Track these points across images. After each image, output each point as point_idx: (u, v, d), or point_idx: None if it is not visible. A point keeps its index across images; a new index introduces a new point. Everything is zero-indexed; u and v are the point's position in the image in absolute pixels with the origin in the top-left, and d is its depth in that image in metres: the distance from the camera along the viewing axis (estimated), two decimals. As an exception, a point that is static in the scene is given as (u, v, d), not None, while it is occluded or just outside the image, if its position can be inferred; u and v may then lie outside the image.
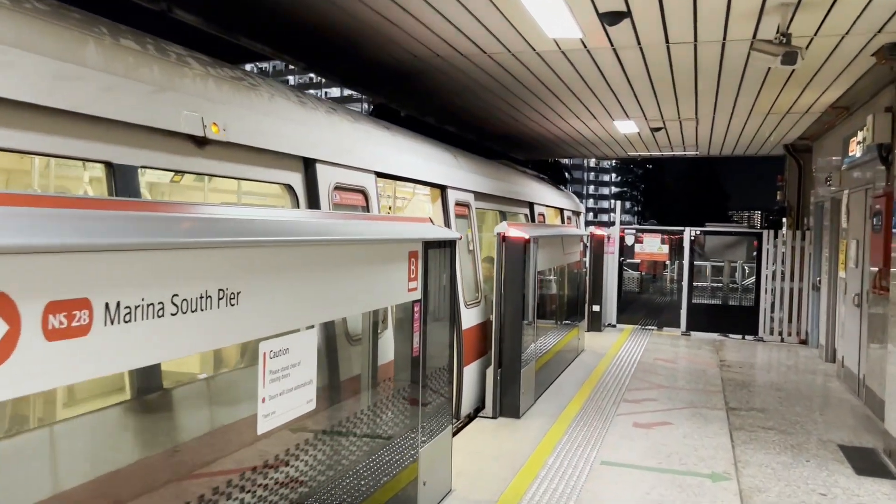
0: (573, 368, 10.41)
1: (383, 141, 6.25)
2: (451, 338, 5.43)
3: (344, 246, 3.66)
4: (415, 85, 9.30)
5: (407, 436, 4.66)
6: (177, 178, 5.55)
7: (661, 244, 14.70)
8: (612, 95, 9.78)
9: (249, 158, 4.36)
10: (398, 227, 4.51)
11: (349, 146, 5.64)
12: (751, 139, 13.91)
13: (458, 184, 7.51)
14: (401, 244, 4.41)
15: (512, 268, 7.46)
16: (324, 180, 5.26)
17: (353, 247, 3.77)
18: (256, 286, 2.85)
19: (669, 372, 10.42)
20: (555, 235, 9.25)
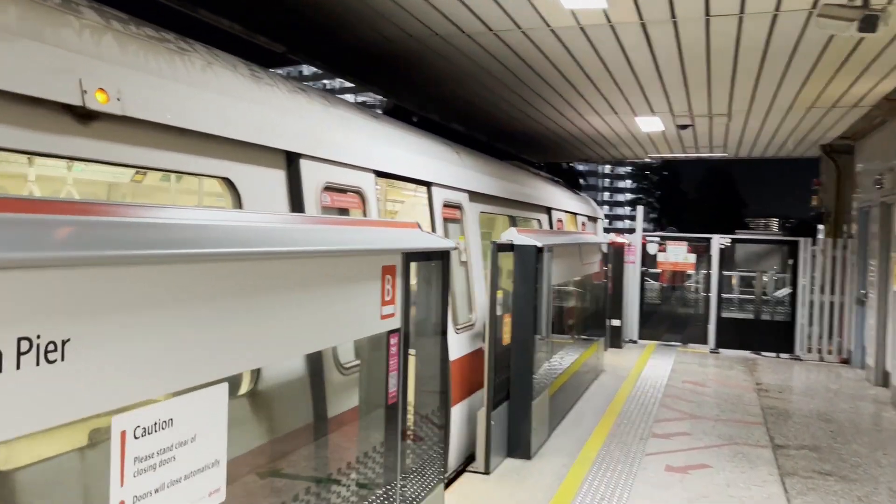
0: (592, 393, 9.24)
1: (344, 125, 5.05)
2: (443, 375, 4.31)
3: (274, 261, 2.56)
4: (411, 72, 8.22)
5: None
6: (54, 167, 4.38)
7: (687, 253, 13.50)
8: (637, 85, 8.64)
9: (177, 144, 3.27)
10: (367, 233, 3.39)
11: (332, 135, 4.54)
12: (786, 138, 12.71)
13: (446, 181, 6.20)
14: (370, 257, 3.31)
15: (522, 281, 6.34)
16: (311, 179, 4.22)
17: (291, 262, 2.67)
18: (99, 330, 1.76)
19: (701, 398, 9.24)
20: (571, 243, 8.12)
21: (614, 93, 9.16)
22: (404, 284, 3.67)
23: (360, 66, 8.06)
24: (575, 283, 8.95)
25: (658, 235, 13.88)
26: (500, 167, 8.67)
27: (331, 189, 4.56)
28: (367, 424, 3.69)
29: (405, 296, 3.68)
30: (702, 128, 11.74)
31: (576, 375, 8.77)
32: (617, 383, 9.93)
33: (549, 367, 7.28)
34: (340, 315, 3.04)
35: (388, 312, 3.49)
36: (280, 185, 4.02)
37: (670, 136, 12.79)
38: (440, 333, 4.30)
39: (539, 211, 10.61)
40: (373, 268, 3.34)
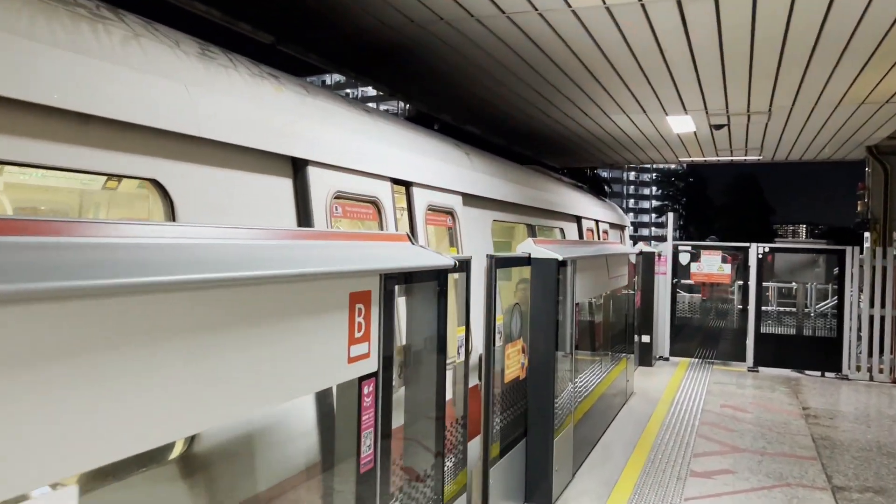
0: (621, 422, 8.33)
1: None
2: (438, 428, 3.46)
3: (174, 294, 1.76)
4: (415, 65, 7.42)
5: None
6: None
7: (723, 263, 12.52)
8: (669, 78, 7.76)
9: (73, 132, 2.50)
10: (326, 250, 2.57)
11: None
12: (829, 139, 11.72)
13: (430, 180, 5.11)
14: (331, 282, 2.50)
15: (541, 299, 5.48)
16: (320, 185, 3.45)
17: (214, 293, 1.87)
18: None
19: (742, 425, 8.29)
20: (598, 255, 7.25)
21: (643, 88, 8.28)
22: (384, 315, 2.85)
23: (360, 59, 7.28)
24: (601, 298, 8.07)
25: (691, 244, 12.91)
26: (506, 168, 7.84)
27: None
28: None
29: (386, 330, 2.86)
30: (738, 128, 10.81)
31: (603, 399, 7.88)
32: (648, 408, 9.01)
33: (573, 392, 6.41)
34: (282, 364, 2.23)
35: (360, 353, 2.67)
36: (224, 186, 3.22)
37: (703, 138, 11.86)
38: (436, 376, 3.46)
39: (566, 220, 9.74)
40: (336, 296, 2.52)
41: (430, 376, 3.46)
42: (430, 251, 3.47)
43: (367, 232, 3.22)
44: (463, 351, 4.60)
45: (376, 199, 4.46)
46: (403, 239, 3.48)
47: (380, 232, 3.35)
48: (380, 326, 2.81)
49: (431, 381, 3.46)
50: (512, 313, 5.08)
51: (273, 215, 3.58)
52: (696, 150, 13.50)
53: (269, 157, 3.56)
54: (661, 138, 11.97)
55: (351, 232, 3.04)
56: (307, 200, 3.79)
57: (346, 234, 2.99)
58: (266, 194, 3.54)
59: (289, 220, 3.72)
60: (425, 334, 3.48)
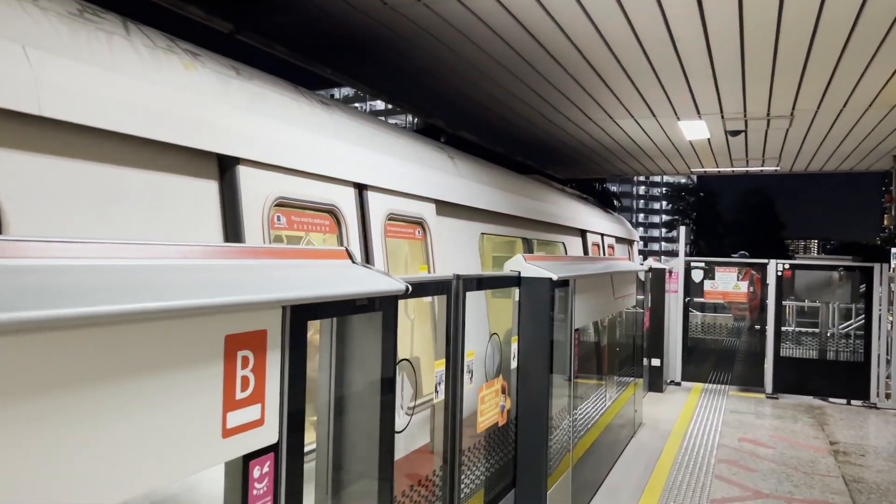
0: (628, 459, 7.47)
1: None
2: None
3: None
4: (397, 60, 6.65)
5: None
6: None
7: (739, 280, 11.65)
8: (682, 77, 6.97)
9: None
10: (204, 272, 1.77)
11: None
12: (855, 147, 10.87)
13: (390, 183, 4.20)
14: (193, 322, 1.70)
15: (533, 326, 4.66)
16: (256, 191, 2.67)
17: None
18: None
19: (764, 463, 7.40)
20: (602, 273, 6.42)
21: (654, 88, 7.49)
22: (292, 362, 2.05)
23: (334, 52, 6.52)
24: (606, 322, 7.22)
25: (704, 260, 12.05)
26: (511, 178, 7.04)
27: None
28: None
29: (294, 382, 2.05)
30: (756, 134, 9.99)
31: (608, 432, 7.03)
32: (659, 442, 8.13)
33: (571, 428, 5.58)
34: (94, 451, 1.43)
35: (245, 421, 1.87)
36: (94, 186, 2.43)
37: (717, 146, 11.05)
38: (379, 432, 2.64)
39: (569, 233, 8.93)
40: (199, 342, 1.72)
41: (371, 434, 2.65)
42: (374, 272, 2.67)
43: (288, 248, 2.42)
44: (442, 388, 3.78)
45: (334, 207, 3.68)
46: (340, 256, 2.69)
47: (308, 248, 2.57)
48: (283, 379, 2.01)
49: (372, 439, 2.65)
50: (487, 346, 4.26)
51: (185, 226, 2.80)
52: (709, 160, 12.69)
53: (178, 153, 2.78)
54: (671, 146, 11.16)
55: (259, 247, 2.24)
56: (237, 208, 3.01)
57: (249, 249, 2.19)
58: (173, 200, 2.76)
59: (211, 233, 2.94)
60: (367, 379, 2.67)
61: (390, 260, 4.13)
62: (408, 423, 3.68)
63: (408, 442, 3.80)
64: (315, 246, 2.64)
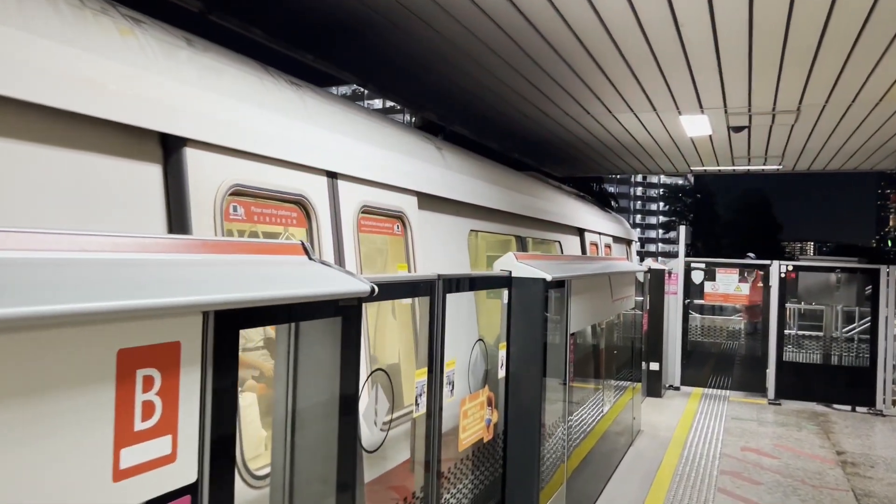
0: (627, 469, 7.09)
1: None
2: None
3: None
4: (383, 45, 6.25)
5: None
6: None
7: (740, 282, 11.28)
8: (685, 66, 6.58)
9: None
10: (105, 268, 1.38)
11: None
12: (861, 145, 10.50)
13: (365, 172, 3.76)
14: (77, 333, 1.30)
15: (525, 330, 4.27)
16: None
17: None
18: None
19: (769, 475, 7.03)
20: (599, 273, 6.03)
21: (655, 79, 7.10)
22: (217, 381, 1.66)
23: (315, 35, 6.12)
24: (603, 325, 6.83)
25: (704, 261, 11.67)
26: (504, 173, 6.65)
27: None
28: None
29: (219, 407, 1.66)
30: (759, 130, 9.61)
31: (605, 441, 6.64)
32: (658, 452, 7.75)
33: (566, 439, 5.19)
34: None
35: (150, 458, 1.47)
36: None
37: (719, 143, 10.66)
38: (338, 457, 2.25)
39: (566, 232, 8.55)
40: (84, 359, 1.33)
41: (330, 457, 2.26)
42: (334, 270, 2.28)
43: (228, 241, 2.02)
44: (424, 401, 3.38)
45: (302, 197, 3.28)
46: (295, 251, 2.30)
47: (255, 241, 2.18)
48: (204, 403, 1.62)
49: (332, 462, 2.26)
50: (472, 353, 3.86)
51: (119, 217, 2.41)
52: (709, 158, 12.31)
53: (111, 131, 2.39)
54: (672, 143, 10.78)
55: (186, 239, 1.85)
56: (183, 196, 2.62)
57: (171, 242, 1.80)
58: (103, 185, 2.36)
59: (153, 224, 2.55)
60: (326, 396, 2.28)
61: (366, 258, 3.74)
62: (383, 440, 3.29)
63: (384, 460, 3.41)
64: (263, 240, 2.26)
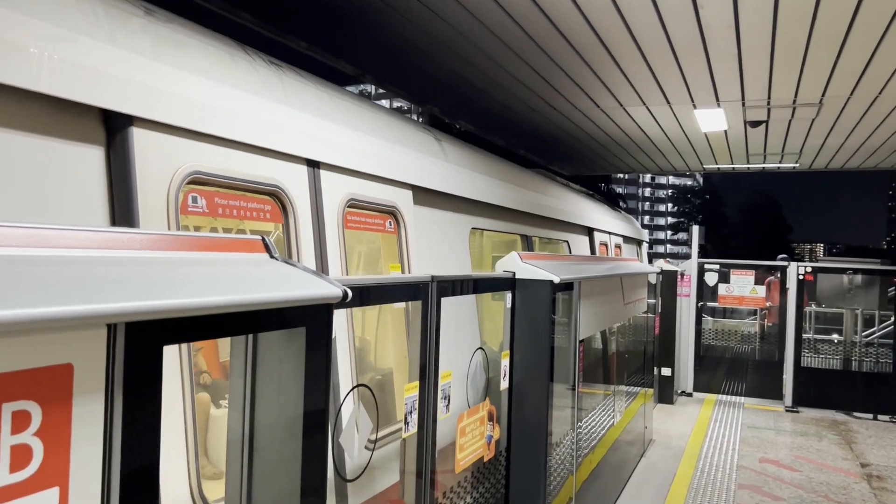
0: (637, 485, 6.69)
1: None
2: None
3: None
4: (380, 30, 5.89)
5: None
6: None
7: (756, 284, 10.85)
8: (702, 52, 6.18)
9: None
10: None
11: None
12: (884, 141, 10.06)
13: (353, 161, 3.39)
14: None
15: (530, 337, 3.89)
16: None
17: None
18: None
19: (792, 491, 6.61)
20: (610, 275, 5.65)
21: (670, 71, 6.71)
22: (129, 413, 1.28)
23: (308, 21, 5.76)
24: (614, 328, 6.44)
25: (719, 262, 11.25)
26: (508, 168, 6.27)
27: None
28: None
29: (132, 447, 1.29)
30: (778, 126, 9.20)
31: (615, 452, 6.25)
32: (671, 463, 7.35)
33: (574, 453, 4.81)
34: None
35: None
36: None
37: (734, 139, 10.25)
38: (300, 488, 1.87)
39: (574, 231, 8.16)
40: None
41: (290, 492, 1.88)
42: (300, 271, 1.90)
43: (164, 235, 1.65)
44: (414, 418, 2.99)
45: (277, 188, 2.91)
46: (255, 248, 1.93)
47: (204, 235, 1.81)
48: (109, 443, 1.24)
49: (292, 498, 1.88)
50: (471, 363, 3.48)
51: (48, 208, 2.04)
52: (724, 156, 11.90)
53: (38, 104, 2.02)
54: (685, 139, 10.37)
55: (98, 231, 1.48)
56: (129, 183, 2.25)
57: (72, 234, 1.42)
58: (28, 169, 2.00)
59: (92, 216, 2.18)
60: (288, 419, 1.91)
61: (353, 257, 3.37)
62: (368, 462, 2.92)
63: (372, 481, 3.04)
64: (212, 234, 1.90)
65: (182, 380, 2.26)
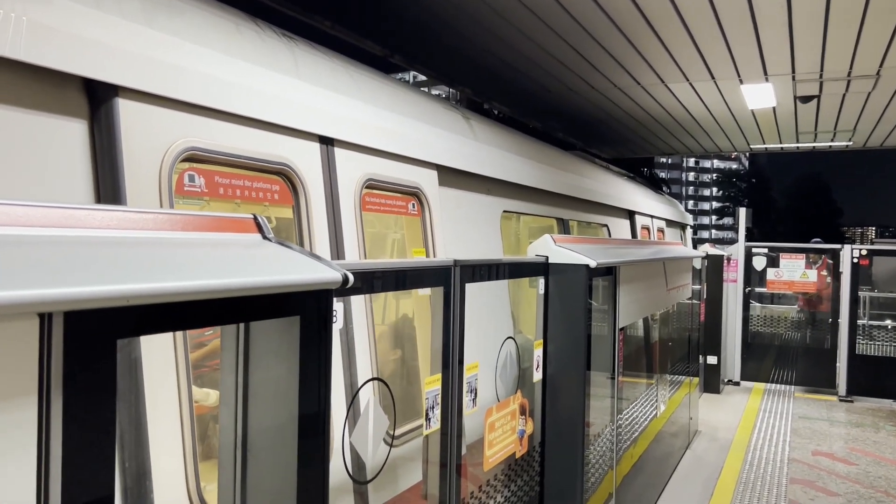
0: (683, 478, 6.39)
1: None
2: None
3: None
4: (411, 8, 5.65)
5: None
6: None
7: (807, 268, 10.37)
8: (750, 21, 5.80)
9: None
10: None
11: None
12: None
13: (370, 138, 3.15)
14: None
15: (562, 327, 3.64)
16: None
17: None
18: None
19: (848, 486, 6.25)
20: (652, 260, 5.34)
21: (715, 43, 6.34)
22: (79, 420, 1.09)
23: (340, 2, 5.55)
24: (657, 315, 6.13)
25: (767, 245, 10.79)
26: (543, 148, 5.99)
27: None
28: None
29: (76, 466, 1.09)
30: (830, 100, 8.71)
31: (658, 444, 5.96)
32: (718, 456, 7.02)
33: (615, 441, 4.55)
34: None
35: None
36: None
37: (783, 117, 9.77)
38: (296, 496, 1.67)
39: (614, 214, 7.85)
40: None
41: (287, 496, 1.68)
42: (295, 253, 1.69)
43: (148, 212, 1.45)
44: (437, 414, 2.77)
45: (286, 167, 2.71)
46: (248, 228, 1.72)
47: (187, 214, 1.61)
48: (45, 464, 1.05)
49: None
50: (500, 353, 3.25)
51: (29, 183, 1.87)
52: (771, 134, 11.38)
53: (10, 73, 1.84)
54: (730, 117, 9.91)
55: (70, 208, 1.28)
56: (115, 160, 2.07)
57: (47, 211, 1.23)
58: (2, 145, 1.82)
59: (75, 195, 2.00)
60: (282, 419, 1.70)
61: (373, 242, 3.16)
62: (386, 458, 2.71)
63: (390, 483, 2.84)
64: (196, 212, 1.70)
65: (177, 374, 2.08)
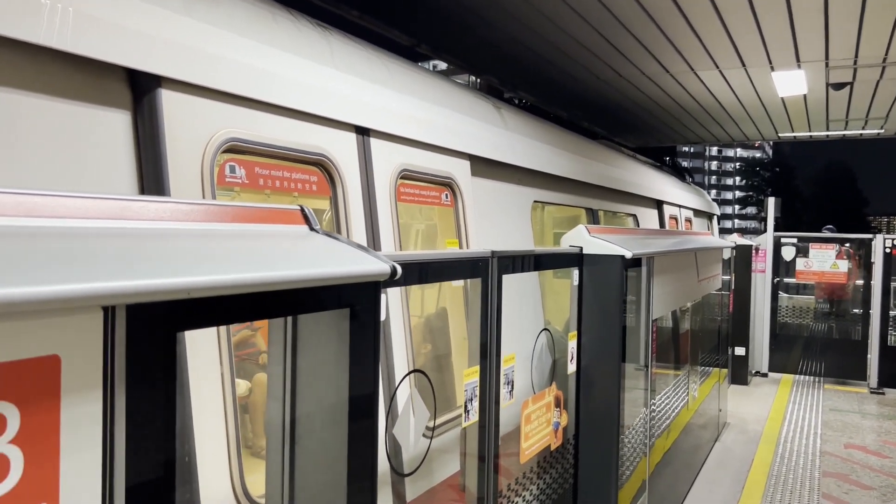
0: (713, 469, 6.34)
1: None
2: None
3: None
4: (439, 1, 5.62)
5: None
6: None
7: (837, 259, 10.21)
8: (785, 7, 5.69)
9: None
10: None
11: None
12: (982, 102, 9.27)
13: (405, 128, 3.14)
14: None
15: (598, 318, 3.60)
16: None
17: None
18: None
19: (883, 480, 6.15)
20: (684, 250, 5.28)
21: (746, 28, 6.23)
22: (134, 414, 1.08)
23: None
24: (687, 306, 6.07)
25: (797, 235, 10.63)
26: (571, 138, 5.94)
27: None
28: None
29: (144, 455, 1.08)
30: (863, 87, 8.54)
31: (687, 436, 5.91)
32: (748, 449, 6.95)
33: (648, 429, 4.51)
34: None
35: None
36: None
37: (814, 104, 9.61)
38: (346, 491, 1.66)
39: (642, 204, 7.77)
40: None
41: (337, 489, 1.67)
42: (343, 245, 1.68)
43: (194, 204, 1.44)
44: (475, 406, 2.75)
45: (324, 157, 2.70)
46: (294, 220, 1.71)
47: (233, 205, 1.60)
48: (111, 448, 1.05)
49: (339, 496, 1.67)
50: (535, 345, 3.22)
51: (72, 174, 1.87)
52: (801, 122, 11.20)
53: (54, 64, 1.84)
54: (759, 105, 9.76)
55: (120, 199, 1.27)
56: (158, 150, 2.06)
57: (99, 203, 1.23)
58: (47, 135, 1.82)
59: (119, 185, 2.00)
60: (330, 410, 1.69)
61: (407, 232, 3.14)
62: (427, 450, 2.71)
63: (428, 473, 2.83)
64: (243, 203, 1.69)
65: (221, 366, 2.08)
